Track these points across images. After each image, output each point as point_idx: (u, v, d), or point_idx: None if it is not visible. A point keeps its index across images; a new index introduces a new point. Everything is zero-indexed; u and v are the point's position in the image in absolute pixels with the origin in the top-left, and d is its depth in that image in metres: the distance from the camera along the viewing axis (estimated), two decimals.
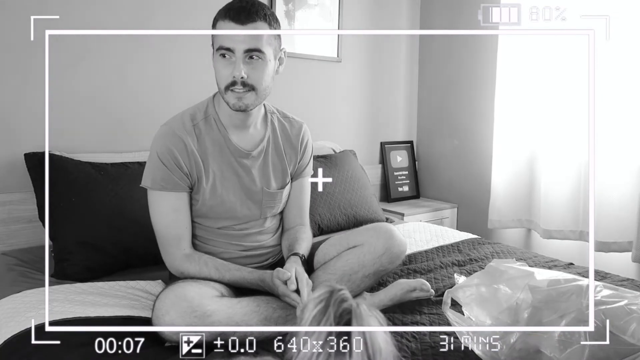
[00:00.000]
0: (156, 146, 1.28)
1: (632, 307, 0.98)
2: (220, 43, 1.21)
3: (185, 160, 1.27)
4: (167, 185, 1.26)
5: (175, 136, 1.27)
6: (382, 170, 2.92)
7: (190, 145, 1.27)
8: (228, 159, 1.32)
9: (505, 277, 1.10)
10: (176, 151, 1.26)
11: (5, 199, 1.75)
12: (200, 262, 1.28)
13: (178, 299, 1.08)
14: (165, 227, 1.28)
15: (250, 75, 1.21)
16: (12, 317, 1.21)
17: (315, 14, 2.54)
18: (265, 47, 1.21)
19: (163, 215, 1.28)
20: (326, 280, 1.28)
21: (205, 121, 1.32)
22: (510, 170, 2.47)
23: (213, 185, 1.31)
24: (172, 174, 1.26)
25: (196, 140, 1.29)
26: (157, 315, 1.08)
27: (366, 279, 1.33)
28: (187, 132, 1.28)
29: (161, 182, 1.26)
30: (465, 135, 2.82)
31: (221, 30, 1.21)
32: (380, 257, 1.32)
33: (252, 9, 1.20)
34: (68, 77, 1.87)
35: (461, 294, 1.14)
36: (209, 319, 1.08)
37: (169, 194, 1.27)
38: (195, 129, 1.30)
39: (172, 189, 1.26)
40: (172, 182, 1.26)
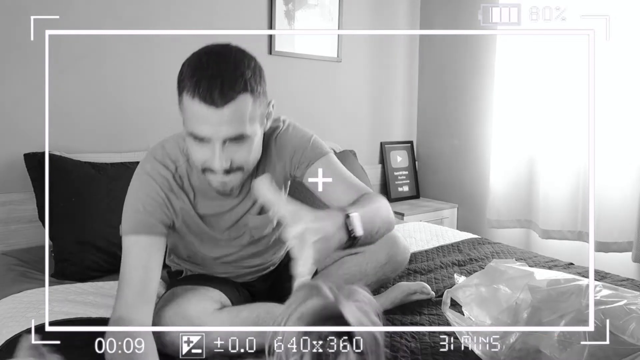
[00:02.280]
0: (135, 185, 1.11)
1: (631, 306, 0.98)
2: (191, 129, 0.97)
3: (167, 201, 1.10)
4: (142, 228, 1.07)
5: (159, 177, 1.10)
6: (382, 170, 2.92)
7: (174, 186, 1.12)
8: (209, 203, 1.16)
9: (505, 277, 1.10)
10: (160, 190, 1.09)
11: (5, 199, 1.75)
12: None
13: (178, 317, 1.06)
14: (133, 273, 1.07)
15: (235, 158, 1.01)
16: (12, 317, 1.21)
17: (315, 13, 2.54)
18: (251, 126, 0.99)
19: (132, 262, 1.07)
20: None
21: (187, 166, 1.13)
22: (510, 170, 2.48)
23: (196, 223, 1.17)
24: (151, 215, 1.08)
25: (181, 183, 1.13)
26: (158, 334, 1.05)
27: (367, 287, 1.27)
28: (171, 172, 1.12)
29: (137, 225, 1.08)
30: (465, 135, 2.82)
31: (190, 111, 0.95)
32: (383, 267, 1.27)
33: (229, 80, 0.93)
34: (68, 77, 1.87)
35: (461, 294, 1.14)
36: (209, 336, 1.04)
37: (143, 237, 1.07)
38: (179, 171, 1.13)
39: (148, 233, 1.08)
40: (148, 225, 1.08)
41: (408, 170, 3.01)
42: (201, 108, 0.93)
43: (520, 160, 2.46)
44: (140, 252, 1.06)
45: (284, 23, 2.41)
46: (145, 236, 1.07)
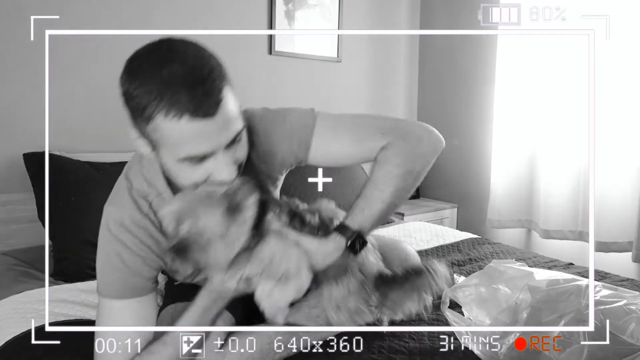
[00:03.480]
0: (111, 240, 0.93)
1: (631, 307, 0.98)
2: (185, 152, 0.82)
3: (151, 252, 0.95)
4: (127, 291, 0.93)
5: (132, 226, 0.93)
6: None
7: (154, 231, 0.95)
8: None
9: (505, 277, 1.10)
10: (140, 243, 0.93)
11: (5, 199, 1.75)
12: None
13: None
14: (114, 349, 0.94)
15: (238, 158, 0.90)
16: (12, 318, 1.21)
17: (315, 13, 2.53)
18: (239, 116, 0.87)
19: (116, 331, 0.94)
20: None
21: (159, 199, 0.96)
22: (510, 170, 2.48)
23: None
24: (137, 274, 0.94)
25: (159, 224, 0.93)
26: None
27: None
28: (146, 214, 0.95)
29: (120, 287, 0.93)
30: (465, 135, 2.82)
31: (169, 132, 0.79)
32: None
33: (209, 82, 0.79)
34: (68, 77, 1.87)
35: (460, 294, 1.14)
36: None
37: (130, 302, 0.94)
38: (153, 208, 0.95)
39: (135, 295, 0.94)
40: (134, 286, 0.93)
41: None
42: (193, 125, 0.78)
43: (521, 160, 2.46)
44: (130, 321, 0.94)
45: (284, 23, 2.41)
46: (135, 299, 0.94)
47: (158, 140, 0.82)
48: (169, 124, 0.79)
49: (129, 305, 0.94)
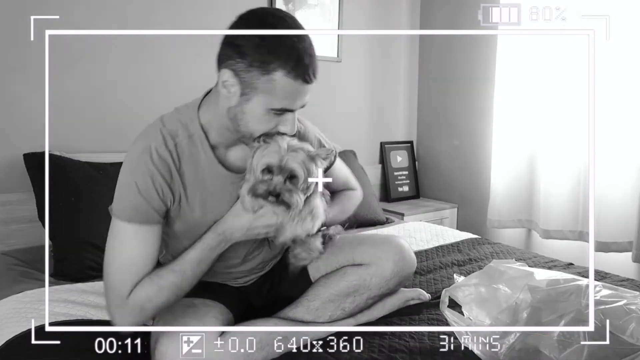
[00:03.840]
0: (133, 165, 1.05)
1: (631, 307, 0.98)
2: (283, 105, 1.01)
3: (166, 186, 1.05)
4: (136, 216, 1.03)
5: (155, 156, 1.04)
6: (382, 170, 2.92)
7: (173, 168, 1.06)
8: (215, 181, 1.11)
9: (505, 277, 1.10)
10: (158, 175, 1.03)
11: (5, 199, 1.75)
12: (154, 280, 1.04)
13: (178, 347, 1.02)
14: (122, 266, 1.03)
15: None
16: (12, 318, 1.21)
17: (315, 13, 2.54)
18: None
19: (124, 249, 1.03)
20: (328, 299, 1.21)
21: (189, 140, 1.08)
22: (510, 170, 2.48)
23: (194, 208, 1.10)
24: (148, 203, 1.03)
25: (179, 163, 1.07)
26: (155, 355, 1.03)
27: (371, 300, 1.25)
28: (170, 151, 1.05)
29: (131, 211, 1.03)
30: (465, 135, 2.82)
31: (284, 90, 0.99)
32: (388, 281, 1.24)
33: (315, 59, 1.03)
34: (68, 77, 1.87)
35: (460, 293, 1.14)
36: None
37: (139, 227, 1.03)
38: (178, 149, 1.07)
39: (143, 222, 1.03)
40: (144, 213, 1.03)
41: (408, 170, 3.01)
42: (300, 86, 1.00)
43: (521, 160, 2.46)
44: (137, 244, 1.03)
45: None
46: (144, 225, 1.03)
47: (264, 89, 0.99)
48: (286, 80, 0.98)
49: (138, 229, 1.03)
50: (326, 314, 1.21)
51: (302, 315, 1.20)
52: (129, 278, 1.02)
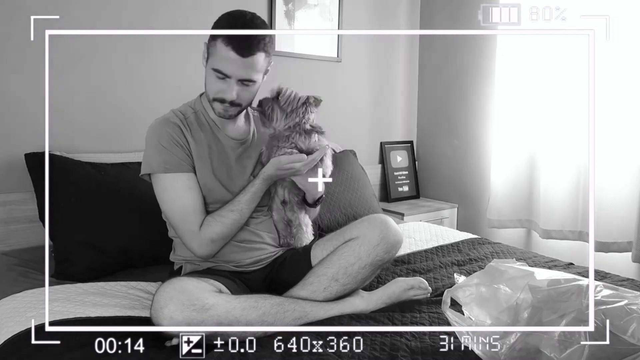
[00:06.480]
0: (154, 133, 1.33)
1: (632, 307, 0.98)
2: (218, 67, 1.28)
3: (184, 141, 1.34)
4: (171, 166, 1.30)
5: (170, 123, 1.34)
6: (382, 170, 2.92)
7: (185, 131, 1.35)
8: (218, 147, 1.39)
9: (505, 277, 1.10)
10: (175, 134, 1.33)
11: (5, 199, 1.75)
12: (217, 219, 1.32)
13: (177, 292, 1.09)
14: (182, 208, 1.30)
15: (240, 95, 1.32)
16: (12, 317, 1.21)
17: (315, 14, 2.54)
18: (258, 75, 1.32)
19: (177, 197, 1.30)
20: (323, 274, 1.30)
21: (195, 115, 1.40)
22: (510, 170, 2.48)
23: (203, 173, 1.35)
24: (174, 155, 1.31)
25: (188, 131, 1.36)
26: (156, 308, 1.08)
27: (363, 270, 1.32)
28: (180, 121, 1.36)
29: (165, 164, 1.30)
30: (465, 135, 2.82)
31: (220, 54, 1.27)
32: (376, 248, 1.32)
33: (254, 41, 1.26)
34: (68, 77, 1.87)
35: (461, 293, 1.14)
36: (208, 312, 1.08)
37: (176, 175, 1.31)
38: (187, 121, 1.37)
39: (178, 170, 1.31)
40: (176, 163, 1.31)
41: (408, 170, 3.01)
42: (231, 54, 1.25)
43: (521, 160, 2.46)
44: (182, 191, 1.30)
45: (284, 23, 2.41)
46: (179, 173, 1.31)
47: (212, 52, 1.30)
48: (221, 46, 1.26)
49: (177, 178, 1.31)
50: (320, 287, 1.29)
51: (297, 292, 1.29)
52: (193, 218, 1.30)
